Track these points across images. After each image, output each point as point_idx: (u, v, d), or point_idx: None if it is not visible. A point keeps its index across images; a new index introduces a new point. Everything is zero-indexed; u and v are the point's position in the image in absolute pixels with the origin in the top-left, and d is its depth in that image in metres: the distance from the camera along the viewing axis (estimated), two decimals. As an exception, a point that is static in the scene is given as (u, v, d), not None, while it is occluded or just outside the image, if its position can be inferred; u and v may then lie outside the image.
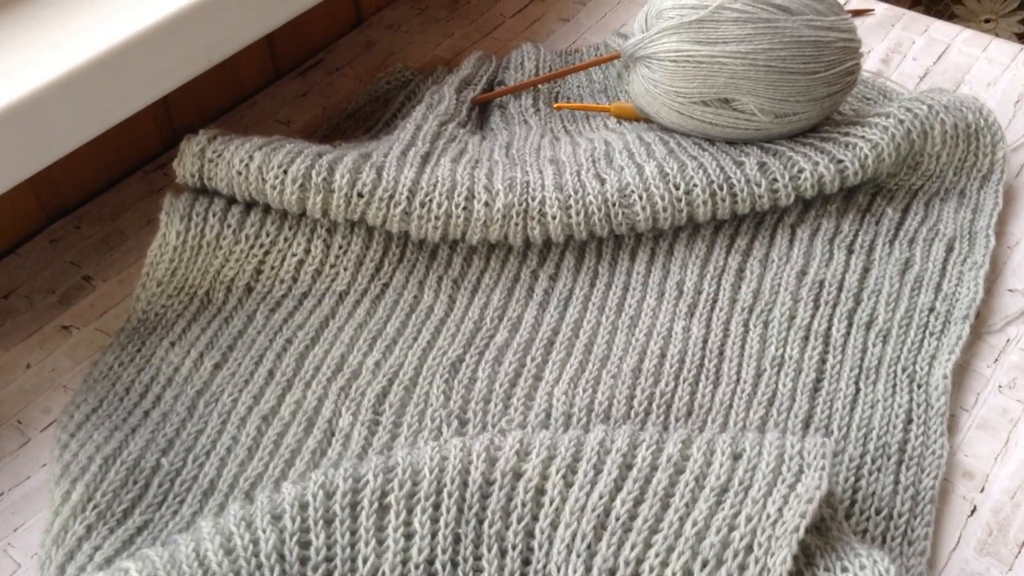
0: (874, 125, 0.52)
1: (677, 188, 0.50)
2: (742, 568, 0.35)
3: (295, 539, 0.36)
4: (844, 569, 0.35)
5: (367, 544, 0.36)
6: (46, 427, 0.46)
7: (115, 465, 0.42)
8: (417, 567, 0.36)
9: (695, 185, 0.50)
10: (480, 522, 0.37)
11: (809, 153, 0.52)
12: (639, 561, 0.36)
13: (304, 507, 0.37)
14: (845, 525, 0.38)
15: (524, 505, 0.38)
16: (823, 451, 0.38)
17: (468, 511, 0.37)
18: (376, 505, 0.37)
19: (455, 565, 0.37)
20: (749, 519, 0.36)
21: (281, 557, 0.35)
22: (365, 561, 0.36)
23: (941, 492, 0.42)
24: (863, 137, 0.52)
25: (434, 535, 0.37)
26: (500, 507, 0.38)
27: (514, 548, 0.37)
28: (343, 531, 0.36)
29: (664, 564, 0.36)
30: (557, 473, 0.38)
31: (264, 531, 0.36)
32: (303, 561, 0.36)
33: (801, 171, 0.51)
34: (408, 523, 0.37)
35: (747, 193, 0.50)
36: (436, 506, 0.37)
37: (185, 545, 0.36)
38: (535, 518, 0.37)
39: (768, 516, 0.36)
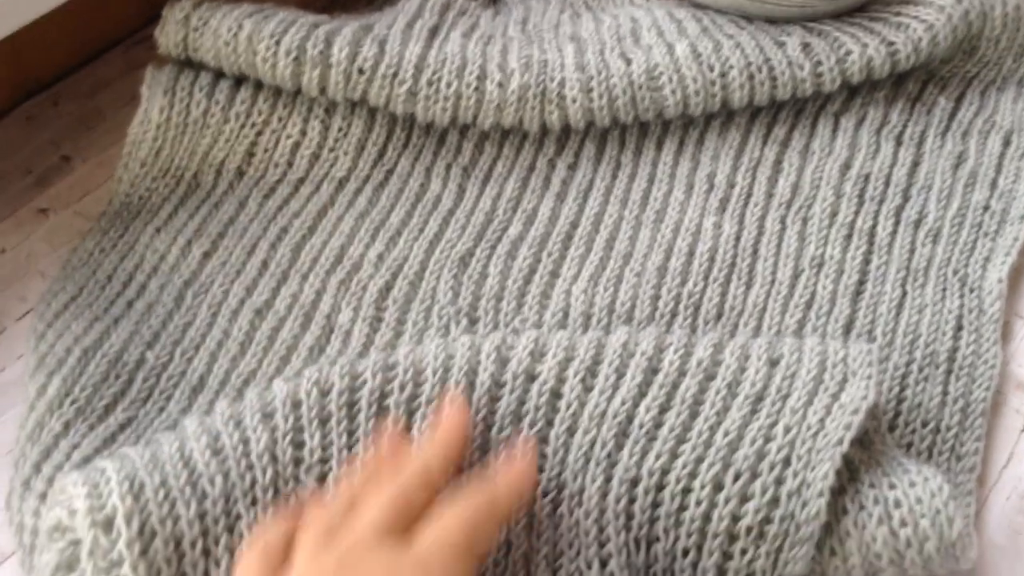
0: (929, 4, 0.48)
1: (711, 70, 0.45)
2: (779, 482, 0.32)
3: (288, 439, 0.33)
4: (892, 486, 0.32)
5: (366, 449, 0.33)
6: (22, 316, 0.43)
7: (95, 358, 0.39)
8: (421, 473, 0.33)
9: (731, 67, 0.45)
10: (488, 428, 0.34)
11: (857, 34, 0.47)
12: (664, 472, 0.33)
13: (297, 405, 0.33)
14: (889, 438, 0.35)
15: (538, 409, 0.34)
16: (870, 358, 0.34)
17: (475, 415, 0.34)
18: (375, 407, 0.34)
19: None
20: (787, 430, 0.33)
21: (274, 458, 0.32)
22: (364, 466, 0.33)
23: (993, 404, 0.39)
24: (917, 17, 0.47)
25: (439, 440, 0.34)
26: (511, 411, 0.34)
27: (526, 455, 0.34)
28: (339, 432, 0.33)
29: (692, 476, 0.32)
30: (575, 376, 0.35)
31: (255, 430, 0.33)
32: (296, 463, 0.33)
33: (848, 53, 0.46)
34: (409, 427, 0.34)
35: (788, 77, 0.46)
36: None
37: (168, 444, 0.33)
38: (550, 423, 0.34)
39: (809, 427, 0.33)
